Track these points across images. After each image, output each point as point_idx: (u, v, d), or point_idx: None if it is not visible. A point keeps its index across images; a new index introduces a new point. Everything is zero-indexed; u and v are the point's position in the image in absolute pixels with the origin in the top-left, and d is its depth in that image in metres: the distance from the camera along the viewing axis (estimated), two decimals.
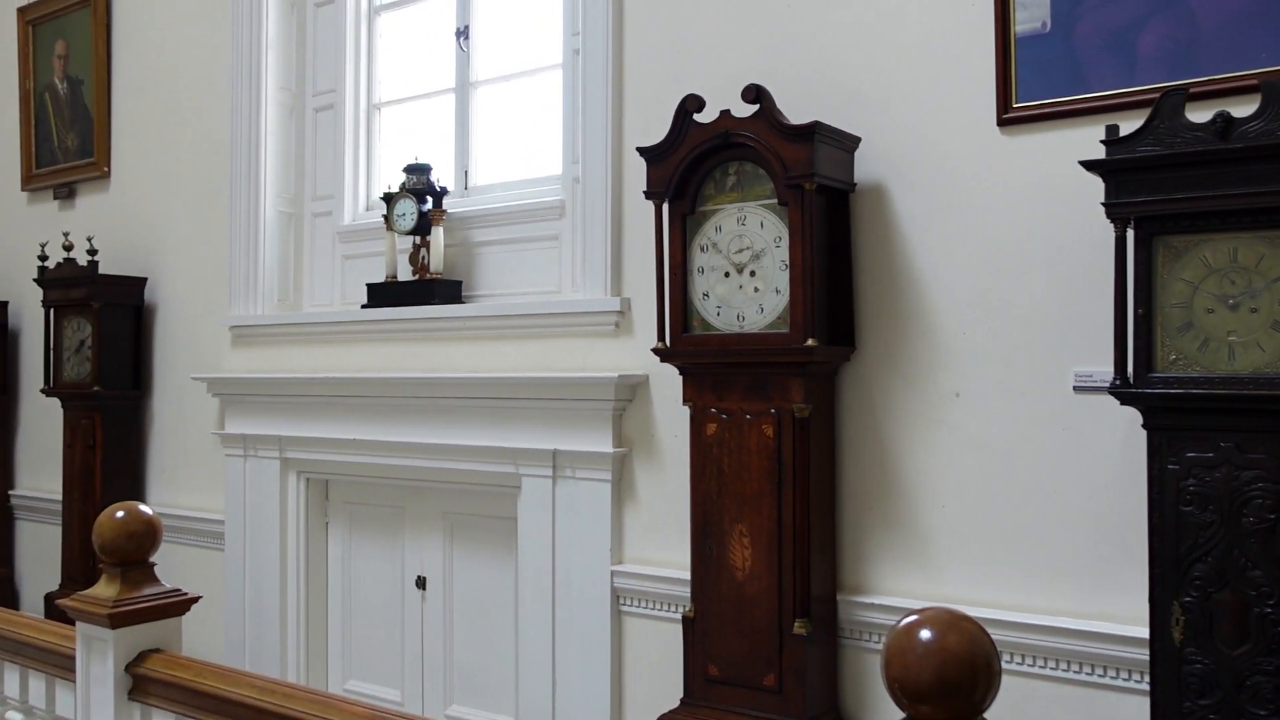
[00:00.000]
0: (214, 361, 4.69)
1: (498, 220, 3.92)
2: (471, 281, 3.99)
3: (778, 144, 2.74)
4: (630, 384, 3.37)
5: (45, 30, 5.59)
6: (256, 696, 1.81)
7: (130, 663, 2.01)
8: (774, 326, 2.82)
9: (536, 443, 3.53)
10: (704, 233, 2.95)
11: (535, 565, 3.55)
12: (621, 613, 3.39)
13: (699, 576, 2.96)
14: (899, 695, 1.22)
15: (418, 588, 4.04)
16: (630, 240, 3.42)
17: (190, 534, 4.73)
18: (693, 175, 2.93)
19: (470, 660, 3.90)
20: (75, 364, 4.95)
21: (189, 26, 4.90)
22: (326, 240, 4.51)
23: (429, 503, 4.04)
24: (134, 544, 2.05)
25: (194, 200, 4.84)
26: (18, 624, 2.31)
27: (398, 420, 3.93)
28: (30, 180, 5.69)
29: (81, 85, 5.39)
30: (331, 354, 4.25)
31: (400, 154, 4.24)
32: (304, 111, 4.59)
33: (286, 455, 4.32)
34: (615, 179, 3.44)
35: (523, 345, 3.67)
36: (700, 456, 2.96)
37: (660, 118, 3.07)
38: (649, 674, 3.32)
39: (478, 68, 4.11)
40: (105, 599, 2.00)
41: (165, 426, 4.96)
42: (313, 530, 4.35)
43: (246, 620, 4.42)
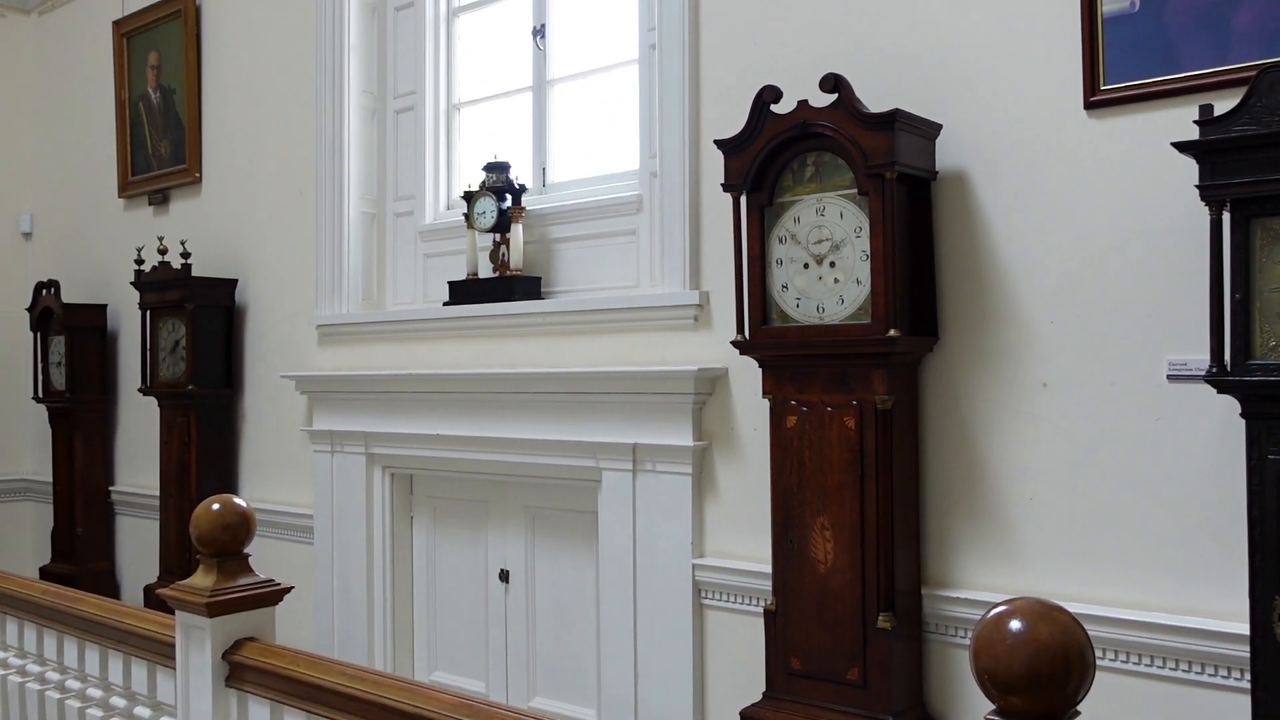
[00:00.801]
0: (302, 360, 4.80)
1: (576, 216, 3.94)
2: (551, 277, 4.02)
3: (857, 133, 2.71)
4: (709, 377, 3.36)
5: (139, 42, 5.77)
6: (346, 684, 1.85)
7: (226, 650, 2.07)
8: (855, 318, 2.79)
9: (616, 437, 3.55)
10: (782, 224, 2.94)
11: (616, 558, 3.56)
12: (703, 606, 3.38)
13: (780, 569, 2.94)
14: (988, 686, 1.20)
15: (501, 581, 4.09)
16: (708, 233, 3.42)
17: (281, 528, 4.86)
18: (770, 166, 2.91)
19: (553, 653, 3.94)
20: (171, 364, 5.11)
21: (274, 34, 5.02)
22: (408, 239, 4.59)
23: (511, 496, 4.08)
24: (229, 535, 2.11)
25: (281, 203, 4.96)
26: (121, 613, 2.39)
27: (480, 415, 3.98)
28: (127, 188, 5.89)
29: (173, 94, 5.56)
30: (415, 351, 4.32)
31: (479, 153, 4.30)
32: (385, 114, 4.68)
33: (372, 451, 4.40)
34: (693, 172, 3.44)
35: (602, 340, 3.69)
36: (780, 449, 2.94)
37: (737, 110, 3.06)
38: (731, 667, 3.31)
39: (554, 66, 4.14)
40: (203, 589, 2.06)
41: (256, 423, 5.09)
42: (398, 524, 4.43)
43: (335, 611, 4.52)
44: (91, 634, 2.45)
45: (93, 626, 2.44)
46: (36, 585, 2.73)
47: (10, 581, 2.81)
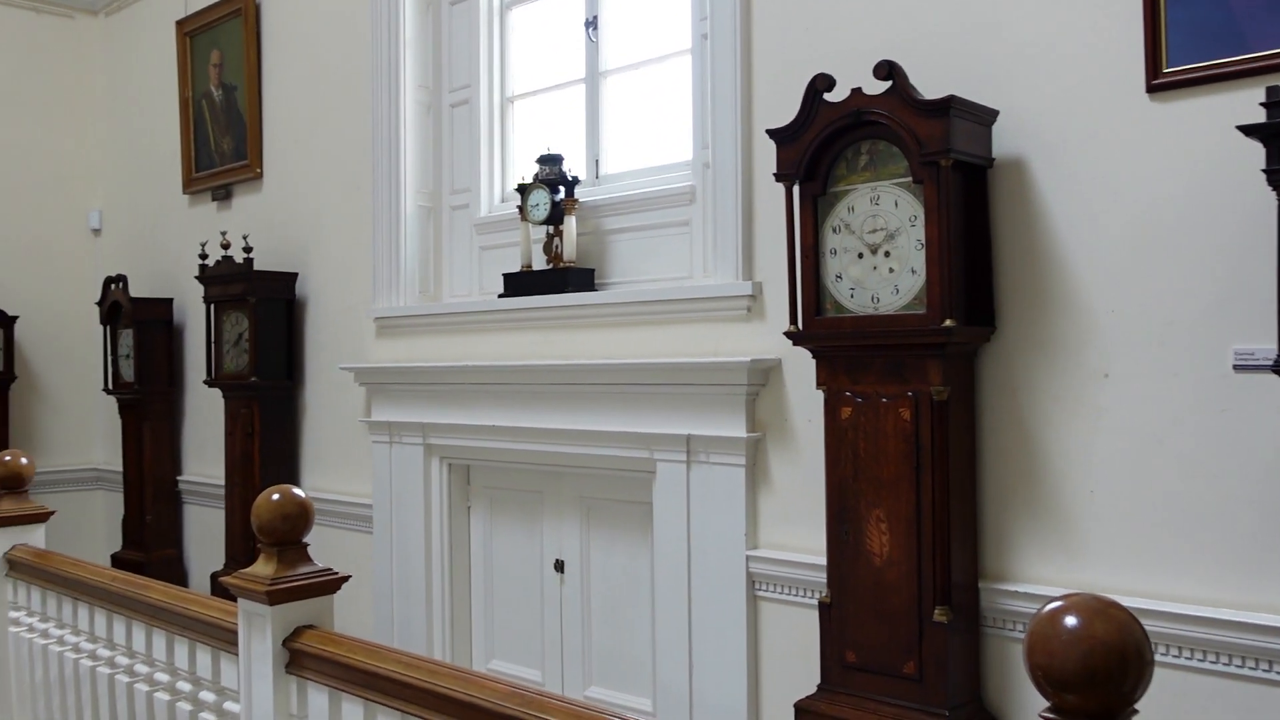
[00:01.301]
0: (360, 352, 4.87)
1: (629, 208, 3.95)
2: (604, 269, 4.03)
3: (911, 120, 2.68)
4: (763, 368, 3.35)
5: (202, 41, 5.89)
6: (402, 671, 1.88)
7: (287, 638, 2.11)
8: (910, 307, 2.76)
9: (670, 428, 3.55)
10: (836, 214, 2.91)
11: (670, 549, 3.57)
12: (757, 597, 3.38)
13: (835, 562, 2.92)
14: (1043, 683, 1.18)
15: (556, 571, 4.12)
16: (761, 224, 3.40)
17: (341, 517, 4.94)
18: (824, 156, 2.89)
19: (608, 643, 3.96)
20: (234, 356, 5.22)
21: (331, 31, 5.09)
22: (464, 232, 4.63)
23: (566, 487, 4.11)
24: (288, 525, 2.14)
25: (339, 197, 5.03)
26: (186, 600, 2.45)
27: (534, 406, 4.01)
28: (191, 184, 6.02)
29: (235, 91, 5.66)
30: (470, 343, 4.36)
31: (533, 145, 4.32)
32: (441, 108, 4.72)
33: (429, 441, 4.45)
34: (745, 162, 3.42)
35: (655, 331, 3.69)
36: (835, 441, 2.92)
37: (790, 99, 3.04)
38: (785, 658, 3.30)
39: (607, 57, 4.15)
40: (263, 577, 2.10)
41: (317, 414, 5.18)
42: (455, 514, 4.48)
43: (394, 600, 4.59)
44: (159, 620, 2.51)
45: (160, 613, 2.50)
46: (106, 572, 2.81)
47: (82, 568, 2.90)
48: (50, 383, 6.73)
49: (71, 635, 2.93)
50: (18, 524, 3.24)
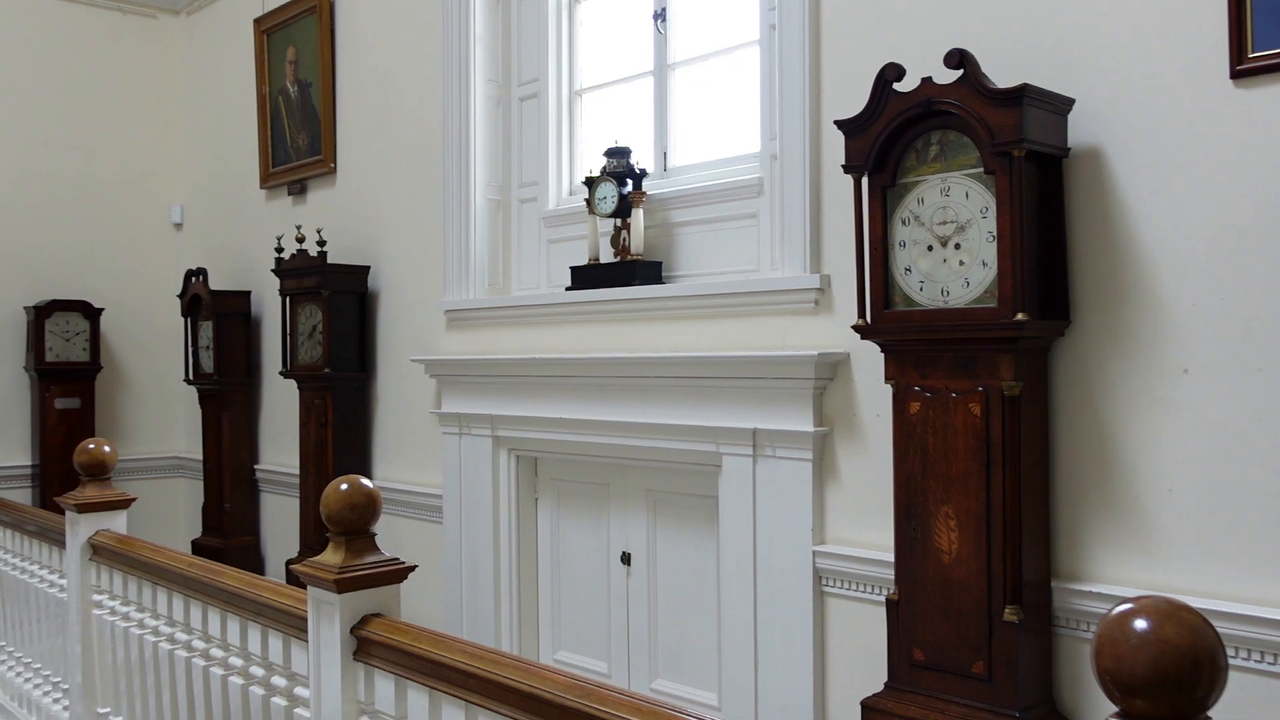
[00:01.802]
0: (431, 344, 4.93)
1: (696, 200, 3.93)
2: (671, 262, 4.02)
3: (983, 110, 2.62)
4: (830, 362, 3.31)
5: (278, 38, 6.00)
6: (466, 661, 1.90)
7: (354, 626, 2.14)
8: (981, 301, 2.71)
9: (737, 421, 3.53)
10: (905, 205, 2.87)
11: (736, 544, 3.55)
12: (824, 593, 3.35)
13: (903, 559, 2.88)
14: (1110, 688, 1.15)
15: (623, 563, 4.13)
16: (829, 216, 3.36)
17: (412, 507, 5.01)
18: (893, 146, 2.84)
19: (674, 636, 3.96)
20: (309, 348, 5.32)
21: (403, 26, 5.15)
22: (532, 225, 4.66)
23: (633, 480, 4.11)
24: (356, 515, 2.18)
25: (411, 191, 5.09)
26: (258, 587, 2.50)
27: (601, 399, 4.02)
28: (268, 179, 6.14)
29: (310, 88, 5.77)
30: (538, 335, 4.39)
31: (601, 138, 4.33)
32: (510, 102, 4.75)
33: (498, 433, 4.49)
34: (814, 154, 3.39)
35: (722, 324, 3.67)
36: (903, 436, 2.88)
37: (859, 89, 2.99)
38: (852, 655, 3.27)
39: (675, 49, 4.13)
40: (331, 565, 2.14)
41: (388, 406, 5.26)
42: (523, 505, 4.52)
43: (463, 590, 4.64)
44: (233, 606, 2.57)
45: (233, 599, 2.56)
46: (184, 558, 2.88)
47: (161, 554, 2.98)
48: (134, 373, 6.93)
49: (151, 619, 3.01)
50: (101, 510, 3.35)
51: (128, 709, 3.20)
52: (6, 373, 6.44)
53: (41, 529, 3.76)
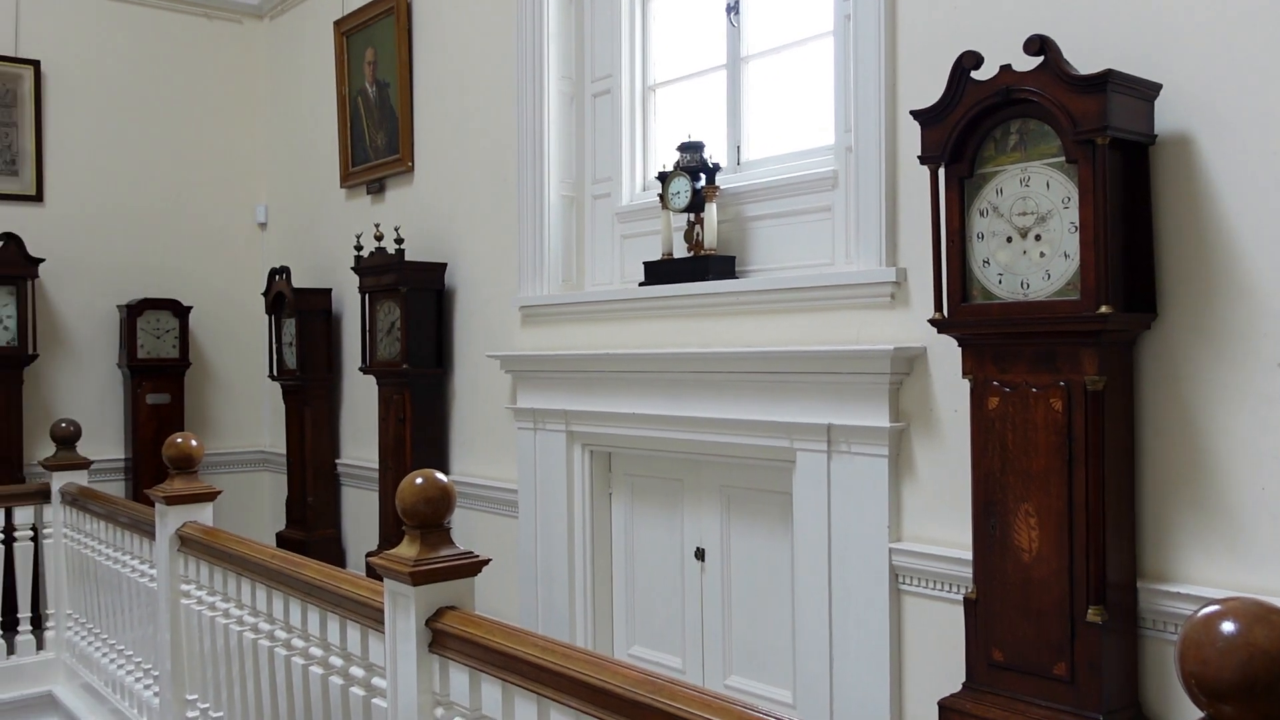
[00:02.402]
0: (506, 340, 4.98)
1: (770, 194, 3.90)
2: (745, 256, 4.00)
3: (1065, 97, 2.55)
4: (907, 356, 3.26)
5: (357, 40, 6.11)
6: (538, 655, 1.91)
7: (430, 618, 2.17)
8: (1062, 293, 2.64)
9: (811, 417, 3.50)
10: (984, 196, 2.81)
11: (811, 540, 3.52)
12: (900, 591, 3.30)
13: (981, 557, 2.83)
14: (1196, 692, 1.11)
15: (697, 559, 4.12)
16: (905, 208, 3.31)
17: (488, 501, 5.07)
18: (971, 136, 2.78)
19: (748, 633, 3.94)
20: (387, 344, 5.41)
21: (478, 25, 5.20)
22: (606, 221, 4.67)
23: (706, 475, 4.10)
24: (430, 508, 2.20)
25: (486, 189, 5.15)
26: (337, 579, 2.55)
27: (675, 394, 4.01)
28: (348, 178, 6.26)
29: (388, 88, 5.86)
30: (612, 331, 4.40)
31: (674, 133, 4.32)
32: (583, 98, 4.77)
33: (572, 428, 4.52)
34: (889, 145, 3.34)
35: (796, 319, 3.64)
36: (981, 432, 2.82)
37: (936, 79, 2.94)
38: (929, 654, 3.22)
39: (748, 42, 4.11)
40: (407, 558, 2.17)
41: (465, 401, 5.32)
42: (597, 500, 4.53)
43: (538, 584, 4.68)
44: (312, 597, 2.62)
45: (313, 590, 2.61)
46: (266, 550, 2.95)
47: (244, 546, 3.05)
48: (221, 369, 7.13)
49: (236, 609, 3.09)
50: (188, 502, 3.45)
51: (214, 696, 3.29)
52: (102, 370, 6.67)
53: (133, 521, 3.89)
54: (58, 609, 4.83)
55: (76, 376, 6.58)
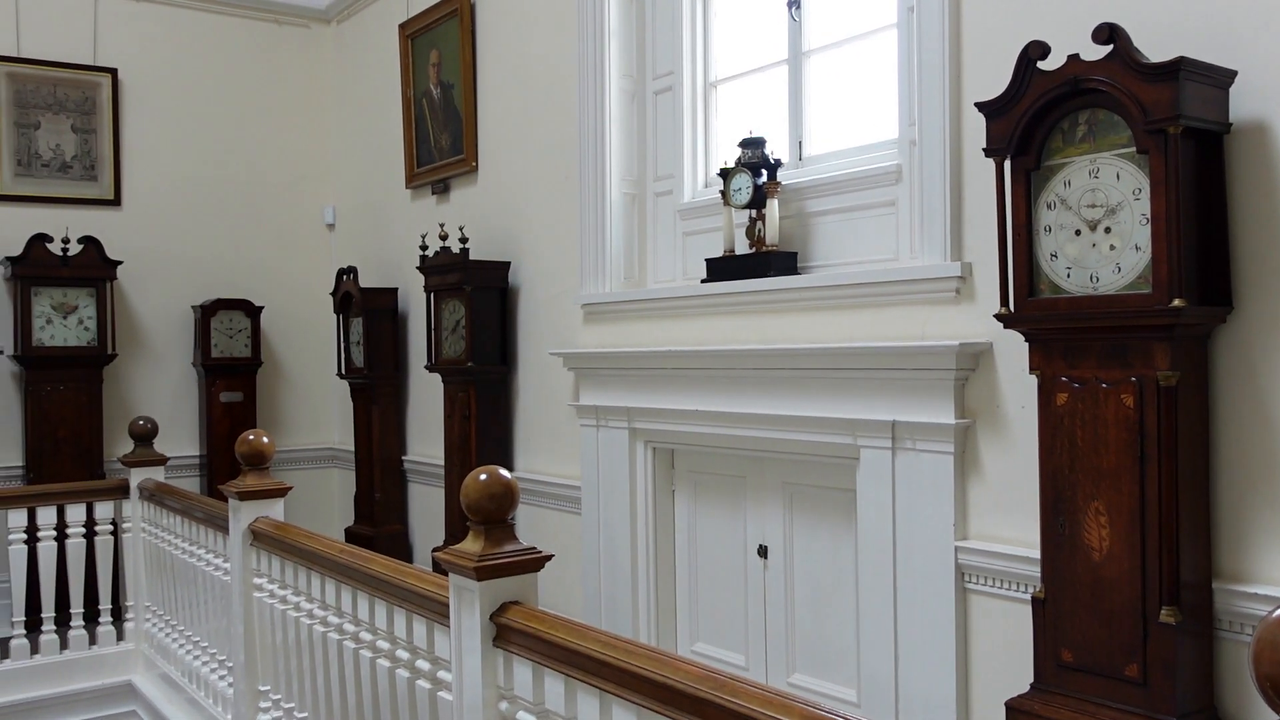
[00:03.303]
0: (569, 337, 5.01)
1: (832, 189, 3.87)
2: (807, 252, 3.98)
3: (1135, 86, 2.50)
4: (972, 352, 3.21)
5: (422, 42, 6.19)
6: (600, 650, 1.92)
7: (494, 613, 2.19)
8: (1133, 287, 2.58)
9: (875, 414, 3.47)
10: (1051, 189, 2.76)
11: (875, 538, 3.49)
12: (966, 590, 3.26)
13: (1049, 556, 2.78)
14: (1271, 696, 1.08)
15: (759, 556, 4.11)
16: (970, 202, 3.26)
17: (552, 498, 5.10)
18: (1037, 128, 2.74)
19: (812, 630, 3.92)
20: (452, 343, 5.47)
21: (540, 25, 5.24)
22: (668, 218, 4.68)
23: (769, 472, 4.09)
24: (494, 504, 2.22)
25: (548, 187, 5.18)
26: (403, 573, 2.59)
27: (737, 391, 4.00)
28: (413, 179, 6.35)
29: (452, 89, 5.92)
30: (674, 328, 4.40)
31: (735, 129, 4.30)
32: (644, 96, 4.77)
33: (634, 425, 4.53)
34: (954, 139, 3.29)
35: (860, 315, 3.61)
36: (1050, 429, 2.77)
37: (1001, 70, 2.89)
38: (996, 654, 3.17)
39: (809, 36, 4.08)
40: (471, 553, 2.19)
41: (528, 398, 5.36)
42: (660, 497, 4.54)
43: (602, 580, 4.70)
44: (380, 591, 2.66)
45: (381, 584, 2.65)
46: (335, 544, 3.01)
47: (314, 540, 3.11)
48: (291, 368, 7.28)
49: (306, 602, 3.15)
50: (260, 498, 3.52)
51: (285, 688, 3.36)
52: (177, 368, 6.84)
53: (208, 516, 3.98)
54: (136, 601, 4.97)
55: (153, 375, 6.77)
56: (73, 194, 6.48)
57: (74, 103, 6.48)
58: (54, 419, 6.14)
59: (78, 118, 6.50)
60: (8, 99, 6.28)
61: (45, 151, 6.41)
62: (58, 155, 6.44)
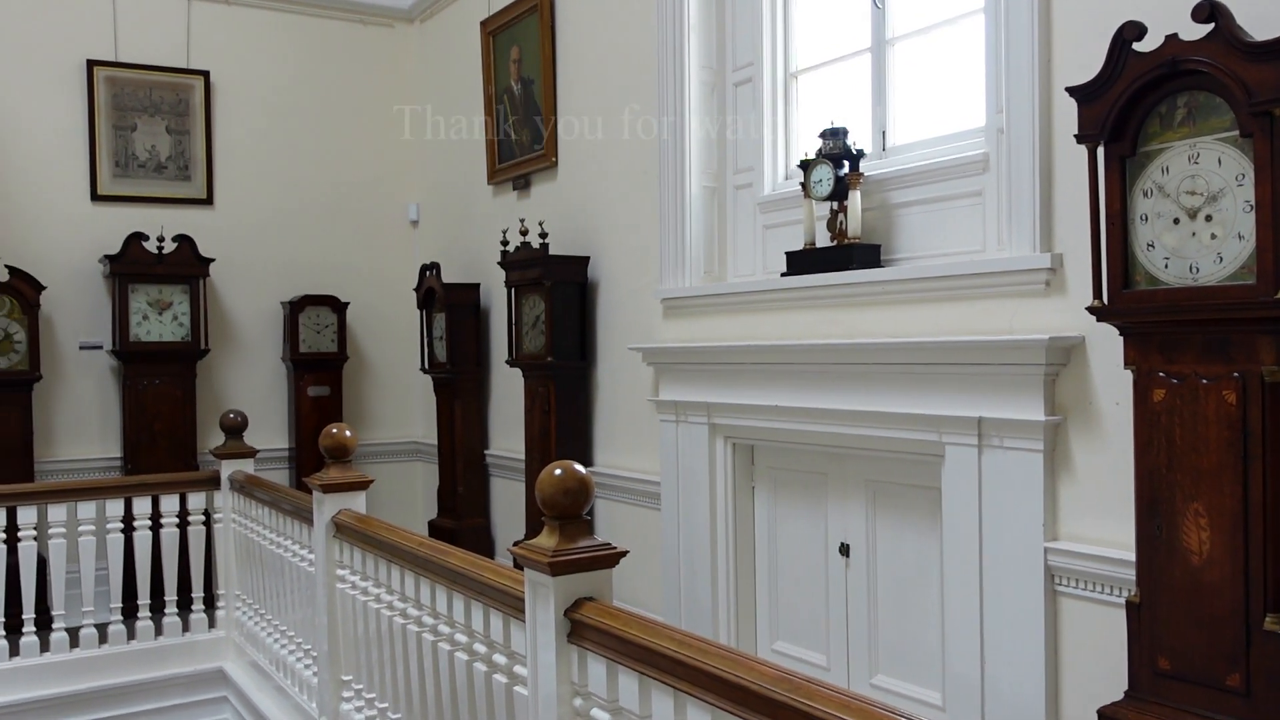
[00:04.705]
0: (648, 332, 4.98)
1: (916, 180, 3.78)
2: (890, 244, 3.89)
3: (1238, 66, 2.37)
4: (1063, 346, 3.10)
5: (503, 39, 6.22)
6: (675, 649, 1.89)
7: (568, 608, 2.18)
8: (1236, 278, 2.46)
9: (960, 410, 3.37)
10: (1147, 176, 2.64)
11: (961, 537, 3.40)
12: (1057, 593, 3.15)
13: (1145, 559, 2.67)
14: None
15: (841, 554, 4.04)
16: (1061, 191, 3.15)
17: (632, 493, 5.09)
18: (1133, 112, 2.62)
19: (895, 631, 3.83)
20: (532, 338, 5.49)
21: (619, 18, 5.22)
22: (748, 211, 4.62)
23: (851, 469, 4.01)
24: (569, 500, 2.21)
25: (628, 181, 5.16)
26: (480, 567, 2.59)
27: (818, 386, 3.93)
28: (494, 175, 6.39)
29: (532, 85, 5.94)
30: (754, 322, 4.35)
31: (817, 120, 4.23)
32: (724, 88, 4.72)
33: (714, 421, 4.49)
34: (1044, 125, 3.18)
35: (944, 308, 3.52)
36: (1145, 426, 2.66)
37: (1094, 53, 2.78)
38: (1088, 660, 3.06)
39: (893, 24, 3.99)
40: (546, 549, 2.18)
41: (608, 393, 5.36)
42: (739, 494, 4.49)
43: (681, 577, 4.67)
44: (457, 584, 2.68)
45: (458, 578, 2.66)
46: (414, 537, 3.03)
47: (394, 533, 3.14)
48: (376, 363, 7.40)
49: (386, 594, 3.19)
50: (342, 491, 3.57)
51: (367, 678, 3.40)
52: (268, 363, 7.01)
53: (294, 507, 4.06)
54: (227, 590, 5.09)
55: (244, 370, 6.94)
56: (167, 194, 6.68)
57: (168, 105, 6.67)
58: (150, 412, 6.33)
59: (172, 119, 6.68)
60: (107, 103, 6.49)
61: (142, 153, 6.61)
62: (153, 156, 6.64)
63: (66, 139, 6.41)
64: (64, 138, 6.41)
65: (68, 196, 6.41)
